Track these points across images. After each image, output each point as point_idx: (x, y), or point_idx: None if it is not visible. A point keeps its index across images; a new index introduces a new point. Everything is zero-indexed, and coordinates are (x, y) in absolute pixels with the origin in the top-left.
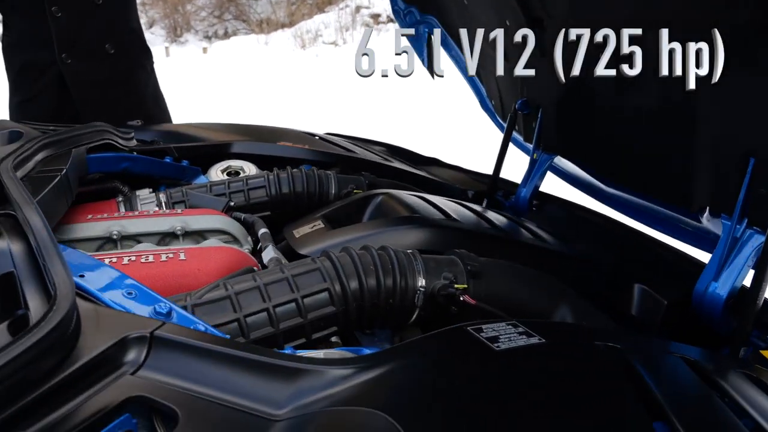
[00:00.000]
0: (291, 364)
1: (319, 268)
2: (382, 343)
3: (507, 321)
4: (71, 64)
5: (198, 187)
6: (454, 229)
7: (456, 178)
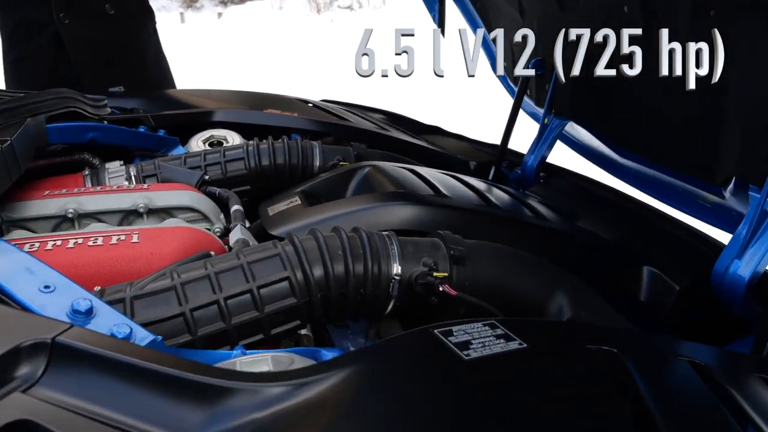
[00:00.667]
0: (212, 381)
1: (279, 253)
2: (356, 337)
3: (484, 321)
4: (69, 24)
5: (172, 159)
6: (443, 207)
7: (459, 148)
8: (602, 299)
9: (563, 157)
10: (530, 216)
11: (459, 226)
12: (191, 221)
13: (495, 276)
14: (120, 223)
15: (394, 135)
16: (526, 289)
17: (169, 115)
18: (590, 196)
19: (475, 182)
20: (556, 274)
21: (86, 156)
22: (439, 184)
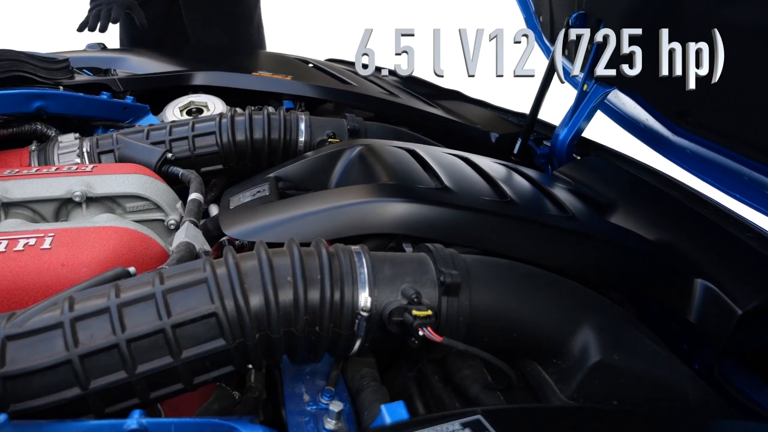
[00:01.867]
0: None
1: (206, 279)
2: (314, 379)
3: (464, 420)
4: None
5: (133, 133)
6: (443, 206)
7: (481, 117)
8: (642, 329)
9: (603, 131)
10: (556, 214)
11: (462, 231)
12: (141, 211)
13: (500, 307)
14: (56, 214)
15: (404, 102)
16: (541, 323)
17: (140, 78)
18: (633, 182)
19: (491, 165)
20: (584, 302)
21: (39, 127)
22: (443, 171)
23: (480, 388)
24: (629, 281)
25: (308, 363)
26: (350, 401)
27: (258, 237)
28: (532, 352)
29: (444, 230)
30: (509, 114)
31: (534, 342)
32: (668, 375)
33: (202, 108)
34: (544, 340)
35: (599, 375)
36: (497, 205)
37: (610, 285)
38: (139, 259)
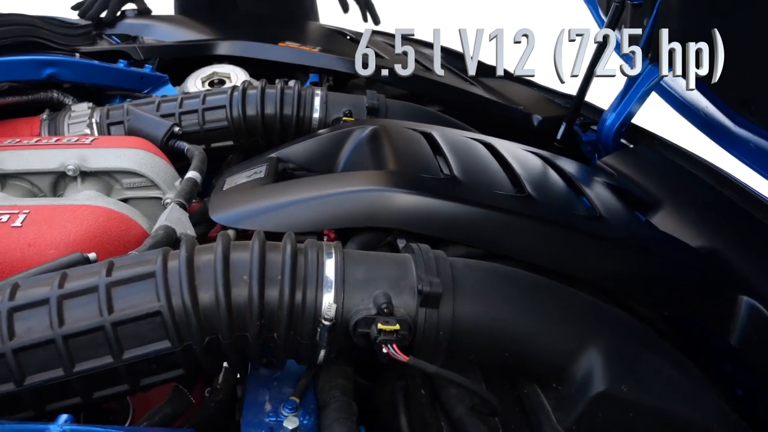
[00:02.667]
0: None
1: (155, 272)
2: (282, 387)
3: None
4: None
5: (144, 104)
6: (444, 199)
7: (525, 97)
8: (666, 353)
9: (656, 117)
10: (580, 214)
11: (466, 228)
12: (138, 188)
13: (490, 322)
14: (54, 187)
15: (439, 79)
16: (539, 343)
17: (161, 46)
18: (684, 178)
19: (516, 153)
20: (594, 320)
21: (55, 95)
22: (456, 159)
23: (465, 410)
24: (662, 295)
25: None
26: (317, 415)
27: (243, 224)
28: (528, 374)
29: (445, 226)
30: (557, 95)
31: (530, 364)
32: (688, 411)
33: (224, 79)
34: (543, 362)
35: (603, 407)
36: (511, 200)
37: (639, 299)
38: (115, 241)
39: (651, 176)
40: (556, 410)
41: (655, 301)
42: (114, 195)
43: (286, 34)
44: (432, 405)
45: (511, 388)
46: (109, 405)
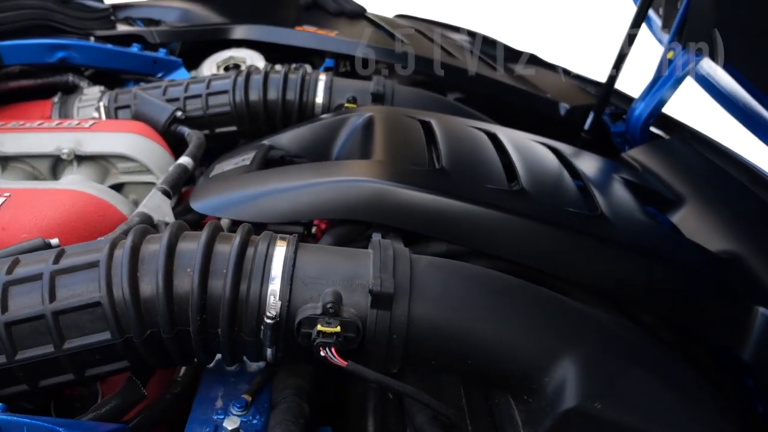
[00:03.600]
0: None
1: (99, 261)
2: (237, 385)
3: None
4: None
5: (152, 88)
6: (426, 192)
7: (556, 85)
8: (659, 366)
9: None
10: (578, 212)
11: (447, 224)
12: (132, 173)
13: (450, 327)
14: (52, 170)
15: (460, 65)
16: (507, 351)
17: (177, 30)
18: (713, 175)
19: (521, 144)
20: (572, 329)
21: (70, 78)
22: (449, 150)
23: (426, 418)
24: (667, 303)
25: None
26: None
27: (221, 213)
28: (495, 384)
29: (425, 221)
30: (589, 83)
31: (496, 373)
32: None
33: (239, 64)
34: (510, 372)
35: (574, 425)
36: (500, 194)
37: (642, 306)
38: (91, 226)
39: (678, 172)
40: (525, 424)
41: (658, 309)
42: (110, 179)
43: (307, 17)
44: (399, 410)
45: (485, 395)
46: (74, 391)
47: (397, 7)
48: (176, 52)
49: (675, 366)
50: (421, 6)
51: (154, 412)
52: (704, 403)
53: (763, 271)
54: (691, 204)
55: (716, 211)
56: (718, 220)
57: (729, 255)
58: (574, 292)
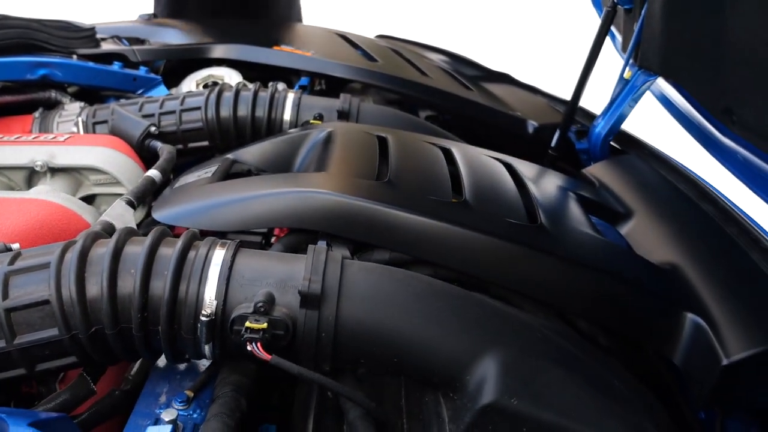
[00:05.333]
0: None
1: (50, 263)
2: (182, 381)
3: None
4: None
5: (129, 104)
6: (369, 203)
7: (526, 103)
8: (575, 369)
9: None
10: (517, 222)
11: (388, 233)
12: (103, 184)
13: (376, 327)
14: (27, 182)
15: (433, 84)
16: (430, 350)
17: (158, 49)
18: (663, 190)
19: (474, 159)
20: (494, 330)
21: (53, 95)
22: (400, 164)
23: (358, 413)
24: (600, 310)
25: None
26: None
27: (181, 222)
28: (424, 381)
29: (367, 230)
30: (561, 102)
31: (422, 372)
32: (591, 430)
33: (218, 81)
34: (434, 370)
35: (492, 420)
36: (442, 205)
37: (575, 312)
38: (55, 234)
39: (631, 187)
40: (451, 421)
41: (591, 315)
42: (82, 190)
43: (283, 36)
44: (337, 408)
45: (421, 394)
46: (32, 390)
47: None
48: (160, 70)
49: (601, 368)
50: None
51: (102, 407)
52: (627, 401)
53: (697, 279)
54: (640, 217)
55: (662, 224)
56: (663, 233)
57: (668, 265)
58: (513, 300)
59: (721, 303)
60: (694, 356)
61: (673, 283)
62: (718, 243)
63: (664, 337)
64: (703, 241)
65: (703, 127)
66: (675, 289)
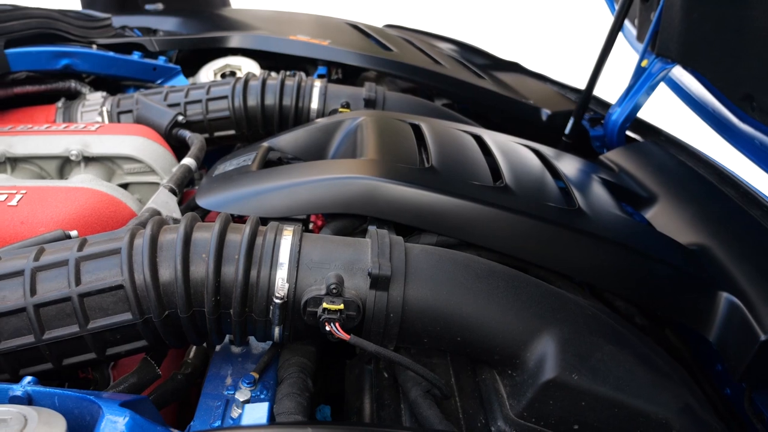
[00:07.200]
0: None
1: (121, 249)
2: (245, 363)
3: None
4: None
5: (153, 93)
6: (416, 188)
7: (537, 91)
8: (631, 346)
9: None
10: (557, 206)
11: (436, 217)
12: (137, 173)
13: (441, 307)
14: (60, 171)
15: (448, 73)
16: (491, 330)
17: (176, 39)
18: (684, 175)
19: (504, 145)
20: (550, 310)
21: (73, 84)
22: (438, 150)
23: (420, 392)
24: (637, 289)
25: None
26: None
27: (224, 208)
28: (483, 359)
29: (416, 215)
30: (569, 90)
31: (483, 349)
32: (646, 403)
33: (236, 71)
34: (495, 348)
35: (554, 395)
36: (486, 190)
37: (615, 292)
38: (104, 221)
39: (651, 172)
40: (510, 397)
41: (630, 295)
42: (115, 179)
43: (296, 27)
44: (393, 387)
45: (473, 373)
46: (89, 375)
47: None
48: (172, 60)
49: (645, 345)
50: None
51: (166, 390)
52: (672, 378)
53: (726, 260)
54: (663, 201)
55: (686, 208)
56: (688, 216)
57: (697, 247)
58: (554, 281)
59: (754, 282)
60: (730, 333)
61: (705, 264)
62: (743, 225)
63: (700, 316)
64: (729, 224)
65: (718, 114)
66: (707, 269)
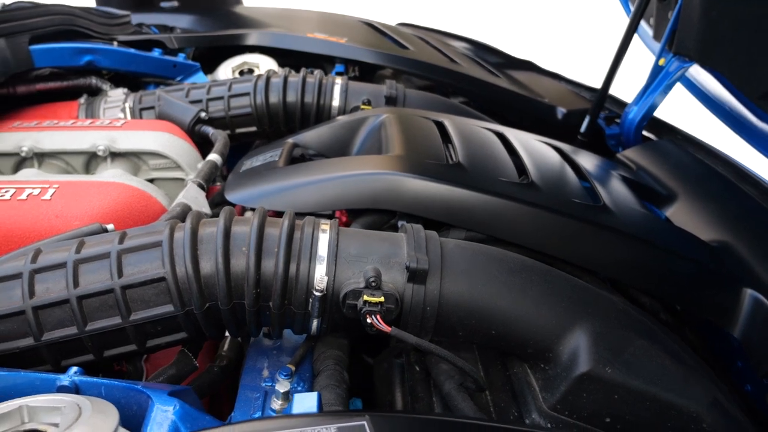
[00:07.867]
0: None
1: (162, 242)
2: (280, 355)
3: (350, 419)
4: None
5: (175, 90)
6: (445, 184)
7: (552, 91)
8: (660, 341)
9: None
10: (583, 203)
11: (466, 213)
12: (163, 169)
13: (476, 301)
14: (86, 166)
15: (464, 71)
16: (525, 323)
17: (194, 36)
18: (703, 173)
19: (527, 142)
20: (583, 304)
21: (94, 81)
22: (463, 147)
23: (454, 385)
24: (662, 285)
25: (275, 338)
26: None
27: (255, 203)
28: (517, 353)
29: (446, 210)
30: (584, 88)
31: (517, 343)
32: (677, 397)
33: (253, 68)
34: (529, 341)
35: (587, 388)
36: (512, 186)
37: (640, 288)
38: (136, 216)
39: (669, 170)
40: (543, 390)
41: (655, 292)
42: (141, 175)
43: (313, 25)
44: (425, 380)
45: (503, 367)
46: (123, 367)
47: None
48: (189, 57)
49: (670, 341)
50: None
51: (204, 382)
52: (700, 373)
53: (749, 257)
54: (683, 199)
55: (707, 205)
56: (708, 214)
57: (718, 244)
58: (580, 276)
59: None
60: (754, 330)
61: (728, 261)
62: (764, 222)
63: (724, 312)
64: (749, 221)
65: (736, 113)
66: (731, 266)
